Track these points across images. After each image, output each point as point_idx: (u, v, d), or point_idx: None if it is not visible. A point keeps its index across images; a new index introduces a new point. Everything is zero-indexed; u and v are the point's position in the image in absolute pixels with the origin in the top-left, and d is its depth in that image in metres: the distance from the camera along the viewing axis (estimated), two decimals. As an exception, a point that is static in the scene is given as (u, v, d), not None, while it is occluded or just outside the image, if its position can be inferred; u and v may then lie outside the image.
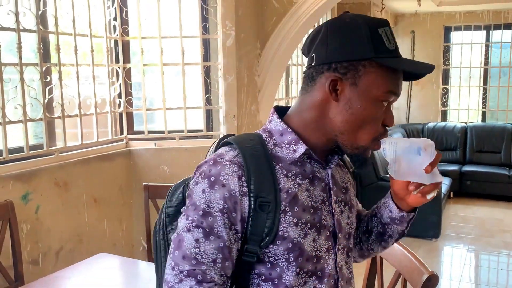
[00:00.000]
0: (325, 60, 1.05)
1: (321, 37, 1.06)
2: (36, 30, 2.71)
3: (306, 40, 1.12)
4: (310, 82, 1.09)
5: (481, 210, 6.36)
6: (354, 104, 1.05)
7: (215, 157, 1.06)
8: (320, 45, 1.06)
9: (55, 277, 2.19)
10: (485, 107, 7.65)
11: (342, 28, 1.06)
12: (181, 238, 1.03)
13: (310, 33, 1.13)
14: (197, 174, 1.06)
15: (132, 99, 3.49)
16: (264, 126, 1.16)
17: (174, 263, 1.03)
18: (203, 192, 1.03)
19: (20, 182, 2.57)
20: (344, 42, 1.04)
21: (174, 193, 1.19)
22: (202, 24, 3.46)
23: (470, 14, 7.40)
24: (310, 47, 1.09)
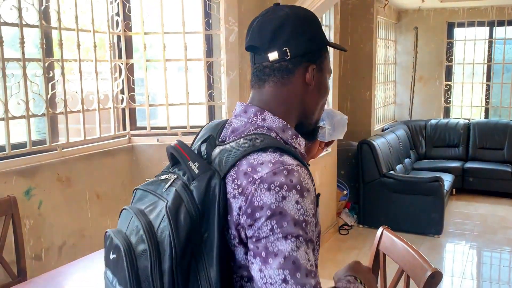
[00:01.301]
0: (303, 51, 1.12)
1: (291, 31, 1.11)
2: (38, 25, 2.70)
3: (260, 34, 1.14)
4: (286, 75, 1.13)
5: (484, 207, 6.36)
6: (322, 86, 1.19)
7: (283, 167, 0.99)
8: (292, 38, 1.11)
9: (58, 272, 2.19)
10: (488, 103, 7.63)
11: (306, 20, 1.15)
12: (294, 260, 0.94)
13: (260, 27, 1.15)
14: (279, 190, 0.97)
15: (135, 95, 3.49)
16: (253, 124, 1.13)
17: (302, 284, 0.93)
18: (297, 204, 0.97)
19: (23, 178, 2.57)
20: (313, 33, 1.15)
21: (178, 219, 1.00)
22: (205, 19, 3.45)
23: (474, 10, 7.37)
24: (274, 41, 1.12)
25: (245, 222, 0.98)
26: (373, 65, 6.62)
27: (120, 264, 1.02)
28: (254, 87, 1.18)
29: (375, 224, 5.28)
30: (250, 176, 0.99)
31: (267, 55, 1.13)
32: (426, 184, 5.39)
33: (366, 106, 6.65)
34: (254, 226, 0.97)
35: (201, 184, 1.01)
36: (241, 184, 1.00)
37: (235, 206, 1.00)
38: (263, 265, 0.95)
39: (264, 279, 0.95)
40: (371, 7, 6.42)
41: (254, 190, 0.97)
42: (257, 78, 1.16)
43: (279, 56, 1.12)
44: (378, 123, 7.15)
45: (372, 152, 5.56)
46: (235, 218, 1.00)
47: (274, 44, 1.12)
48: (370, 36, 6.51)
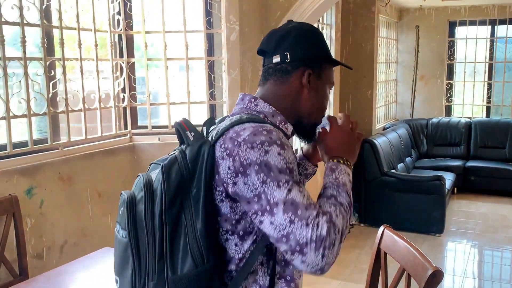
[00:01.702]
0: (301, 57, 1.32)
1: (293, 40, 1.32)
2: (40, 24, 2.71)
3: (268, 41, 1.36)
4: (285, 75, 1.33)
5: (485, 205, 6.35)
6: (319, 92, 1.37)
7: (261, 128, 1.18)
8: (294, 45, 1.32)
9: (59, 271, 2.19)
10: (489, 102, 7.62)
11: (309, 32, 1.36)
12: (292, 201, 1.11)
13: (270, 35, 1.37)
14: (261, 146, 1.14)
15: (136, 94, 3.49)
16: (247, 109, 1.32)
17: (306, 217, 1.10)
18: (280, 155, 1.15)
19: (25, 177, 2.57)
20: (313, 43, 1.35)
21: (170, 173, 1.17)
22: (206, 18, 3.45)
23: (475, 9, 7.36)
24: (279, 46, 1.33)
25: (233, 179, 1.15)
26: (375, 64, 6.61)
27: (124, 212, 1.20)
28: (260, 85, 1.38)
29: (377, 223, 5.28)
30: (235, 140, 1.17)
31: (272, 58, 1.33)
32: (427, 183, 5.39)
33: (367, 105, 6.64)
34: (248, 183, 1.14)
35: (193, 148, 1.20)
36: (227, 147, 1.17)
37: (224, 166, 1.16)
38: (272, 217, 1.11)
39: (277, 229, 1.11)
40: (373, 5, 6.41)
41: (240, 150, 1.15)
42: (263, 77, 1.37)
43: (280, 58, 1.32)
44: (379, 122, 7.15)
45: (374, 151, 5.56)
46: (223, 176, 1.17)
47: (278, 49, 1.33)
48: (371, 35, 6.50)
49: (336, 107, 5.40)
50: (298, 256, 1.10)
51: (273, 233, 1.12)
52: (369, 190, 5.57)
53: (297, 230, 1.09)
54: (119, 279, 1.23)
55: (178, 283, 1.14)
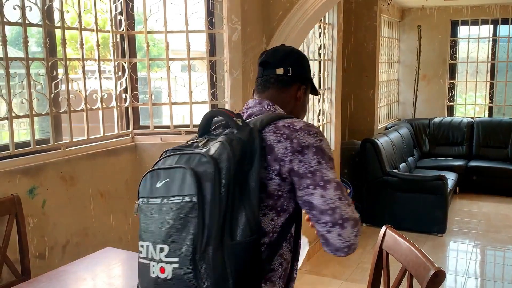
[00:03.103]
0: (300, 75, 1.61)
1: (295, 59, 1.61)
2: (42, 24, 2.71)
3: (274, 55, 1.60)
4: (285, 86, 1.58)
5: (487, 205, 6.35)
6: (304, 105, 1.66)
7: (310, 124, 1.44)
8: (296, 63, 1.60)
9: (62, 271, 2.20)
10: (492, 102, 7.61)
11: (305, 57, 1.67)
12: (339, 183, 1.37)
13: (274, 50, 1.64)
14: (316, 135, 1.40)
15: (138, 94, 3.49)
16: (270, 111, 1.53)
17: (349, 199, 1.38)
18: (328, 146, 1.42)
19: (27, 177, 2.58)
20: (308, 67, 1.67)
21: (234, 149, 1.29)
22: (208, 18, 3.45)
23: (477, 8, 7.36)
24: (284, 61, 1.58)
25: (290, 157, 1.35)
26: (377, 63, 6.61)
27: (186, 179, 1.27)
28: (258, 91, 1.60)
29: (379, 222, 5.28)
30: (292, 127, 1.39)
31: (275, 69, 1.57)
32: (429, 183, 5.38)
33: (369, 105, 6.64)
34: (304, 161, 1.35)
35: (245, 132, 1.34)
36: (283, 132, 1.38)
37: (280, 147, 1.36)
38: (323, 191, 1.33)
39: (327, 201, 1.33)
40: (375, 5, 6.41)
41: (298, 135, 1.37)
42: (263, 85, 1.59)
43: (284, 71, 1.57)
44: (381, 122, 7.15)
45: (376, 151, 5.56)
46: (280, 156, 1.35)
47: (283, 63, 1.58)
48: (373, 35, 6.50)
49: (338, 107, 5.40)
50: (337, 228, 1.33)
51: (321, 204, 1.33)
52: (371, 190, 5.56)
53: (343, 206, 1.33)
54: (167, 247, 1.26)
55: (235, 249, 1.23)
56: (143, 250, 1.31)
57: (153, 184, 1.33)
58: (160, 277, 1.25)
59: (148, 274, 1.29)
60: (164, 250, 1.26)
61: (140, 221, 1.35)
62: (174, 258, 1.24)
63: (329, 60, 5.26)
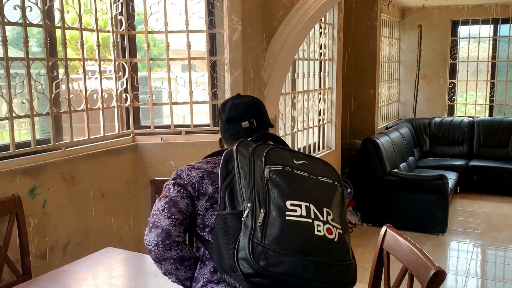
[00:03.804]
0: (263, 123, 1.79)
1: (256, 111, 1.78)
2: (42, 24, 2.71)
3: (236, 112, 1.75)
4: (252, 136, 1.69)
5: (488, 205, 6.34)
6: None
7: None
8: (256, 115, 1.76)
9: (62, 271, 2.20)
10: (492, 101, 7.61)
11: (263, 105, 1.83)
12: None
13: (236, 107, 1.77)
14: None
15: (139, 94, 3.49)
16: None
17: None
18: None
19: (27, 177, 2.58)
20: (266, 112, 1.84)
21: None
22: (209, 18, 3.45)
23: (478, 8, 7.35)
24: (247, 115, 1.74)
25: None
26: (377, 63, 6.61)
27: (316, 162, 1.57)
28: (232, 144, 1.66)
29: (379, 222, 5.28)
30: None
31: (240, 123, 1.72)
32: (430, 182, 5.38)
33: (370, 104, 6.64)
34: None
35: None
36: None
37: None
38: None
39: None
40: (375, 5, 6.41)
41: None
42: (233, 138, 1.72)
43: (249, 124, 1.73)
44: (382, 121, 7.14)
45: (376, 150, 5.55)
46: None
47: (245, 117, 1.73)
48: (373, 34, 6.50)
49: (338, 107, 5.40)
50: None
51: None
52: (371, 189, 5.56)
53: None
54: (332, 212, 1.40)
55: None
56: (300, 209, 1.34)
57: (290, 158, 1.46)
58: (328, 237, 1.33)
59: (310, 232, 1.32)
60: (331, 214, 1.37)
61: (285, 184, 1.39)
62: (338, 225, 1.38)
63: (329, 60, 5.26)
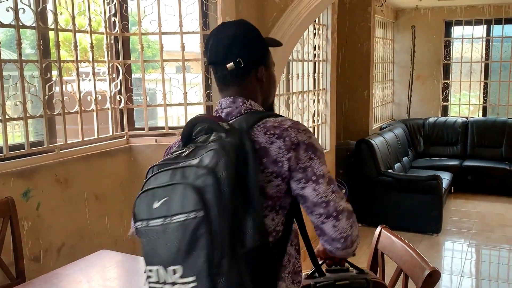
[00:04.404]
0: (253, 59, 1.47)
1: (241, 43, 1.45)
2: (35, 26, 2.70)
3: (216, 52, 1.46)
4: (243, 78, 1.47)
5: (482, 204, 6.37)
6: (271, 78, 1.54)
7: (297, 121, 1.43)
8: (243, 50, 1.45)
9: (56, 274, 2.19)
10: (486, 101, 7.64)
11: (250, 31, 1.49)
12: (330, 177, 1.38)
13: (215, 45, 1.47)
14: (305, 132, 1.39)
15: (133, 96, 3.48)
16: (247, 109, 1.46)
17: (341, 193, 1.39)
18: (317, 141, 1.42)
19: (21, 179, 2.56)
20: (257, 42, 1.49)
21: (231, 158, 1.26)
22: (202, 20, 3.45)
23: (471, 9, 7.38)
24: (229, 54, 1.44)
25: (285, 157, 1.34)
26: (371, 64, 6.63)
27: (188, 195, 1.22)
28: (222, 90, 1.51)
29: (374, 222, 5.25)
30: (281, 126, 1.37)
31: (225, 66, 1.44)
32: (424, 183, 5.40)
33: (364, 105, 6.66)
34: (296, 158, 1.34)
35: (234, 135, 1.30)
36: (275, 132, 1.36)
37: (275, 148, 1.34)
38: (316, 185, 1.34)
39: (319, 194, 1.34)
40: (369, 6, 6.43)
41: (287, 133, 1.36)
42: (222, 84, 1.50)
43: (235, 65, 1.44)
44: (376, 122, 7.16)
45: (371, 151, 5.57)
46: (275, 157, 1.34)
47: (229, 57, 1.44)
48: (367, 35, 6.52)
49: (333, 108, 5.41)
50: (332, 220, 1.33)
51: (313, 197, 1.34)
52: (366, 190, 5.57)
53: (337, 199, 1.35)
54: (180, 267, 1.21)
55: (249, 256, 1.23)
56: (152, 275, 1.27)
57: (150, 205, 1.27)
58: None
59: None
60: (177, 271, 1.21)
61: (143, 245, 1.30)
62: (190, 278, 1.19)
63: (323, 61, 5.27)
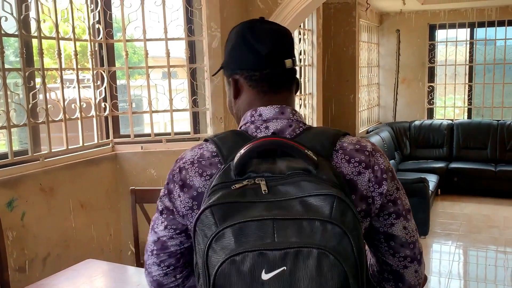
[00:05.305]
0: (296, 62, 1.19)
1: (290, 43, 1.17)
2: (18, 34, 2.67)
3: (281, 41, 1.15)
4: (292, 83, 1.18)
5: (469, 206, 6.41)
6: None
7: (373, 142, 1.15)
8: (292, 50, 1.18)
9: (42, 284, 2.16)
10: (470, 104, 7.71)
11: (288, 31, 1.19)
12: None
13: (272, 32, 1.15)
14: (383, 155, 1.12)
15: (118, 103, 3.46)
16: (299, 122, 1.12)
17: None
18: None
19: (5, 189, 2.53)
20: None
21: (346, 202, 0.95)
22: (187, 26, 3.44)
23: (454, 12, 7.45)
24: (290, 50, 1.17)
25: (376, 190, 1.07)
26: (357, 68, 6.66)
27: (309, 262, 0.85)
28: (265, 95, 1.14)
29: (362, 226, 5.29)
30: (365, 151, 1.08)
31: (284, 61, 1.13)
32: (411, 185, 5.42)
33: (350, 109, 6.68)
34: (383, 189, 1.07)
35: (326, 169, 0.97)
36: (361, 160, 1.06)
37: (363, 180, 1.05)
38: (406, 222, 1.11)
39: (409, 234, 1.11)
40: (353, 10, 6.46)
41: (375, 159, 1.07)
42: (271, 86, 1.14)
43: (293, 63, 1.16)
44: (362, 126, 7.19)
45: (357, 155, 5.58)
46: (364, 192, 1.05)
47: (290, 53, 1.16)
48: (352, 40, 6.55)
49: (319, 112, 5.42)
50: (415, 264, 1.12)
51: (404, 237, 1.11)
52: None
53: (419, 240, 1.14)
54: None
55: None
56: None
57: (254, 273, 0.85)
58: None
59: None
60: None
61: None
62: None
63: (309, 66, 5.28)
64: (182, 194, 1.09)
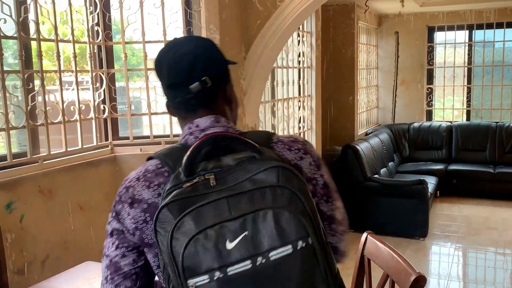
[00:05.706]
0: (219, 77, 1.21)
1: (203, 63, 1.18)
2: (17, 36, 2.67)
3: (178, 73, 1.19)
4: (211, 100, 1.21)
5: (467, 208, 6.42)
6: (236, 97, 1.30)
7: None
8: (208, 68, 1.18)
9: (41, 286, 2.16)
10: (469, 106, 7.72)
11: (213, 47, 1.23)
12: None
13: (174, 66, 1.20)
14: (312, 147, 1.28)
15: (117, 105, 3.46)
16: (233, 128, 1.21)
17: None
18: None
19: (4, 191, 2.53)
20: (219, 58, 1.23)
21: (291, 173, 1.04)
22: (186, 28, 3.44)
23: (453, 14, 7.47)
24: (192, 75, 1.17)
25: (317, 172, 1.21)
26: (355, 70, 6.67)
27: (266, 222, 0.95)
28: (186, 118, 1.22)
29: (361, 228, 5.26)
30: (299, 141, 1.23)
31: (187, 88, 1.17)
32: (410, 187, 5.43)
33: (349, 111, 6.69)
34: (319, 174, 1.21)
35: (269, 153, 1.09)
36: (299, 147, 1.20)
37: (306, 164, 1.20)
38: (339, 202, 1.25)
39: (343, 212, 1.24)
40: (352, 12, 6.48)
41: (309, 147, 1.23)
42: (185, 110, 1.22)
43: (200, 86, 1.16)
44: (361, 128, 7.20)
45: (356, 157, 5.59)
46: (309, 175, 1.19)
47: (192, 77, 1.17)
48: (351, 42, 6.56)
49: (318, 114, 5.42)
50: (345, 234, 1.26)
51: (340, 215, 1.24)
52: (352, 195, 5.58)
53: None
54: None
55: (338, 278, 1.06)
56: None
57: (217, 248, 0.92)
58: None
59: None
60: None
61: None
62: None
63: (308, 68, 5.29)
64: (133, 211, 1.14)
